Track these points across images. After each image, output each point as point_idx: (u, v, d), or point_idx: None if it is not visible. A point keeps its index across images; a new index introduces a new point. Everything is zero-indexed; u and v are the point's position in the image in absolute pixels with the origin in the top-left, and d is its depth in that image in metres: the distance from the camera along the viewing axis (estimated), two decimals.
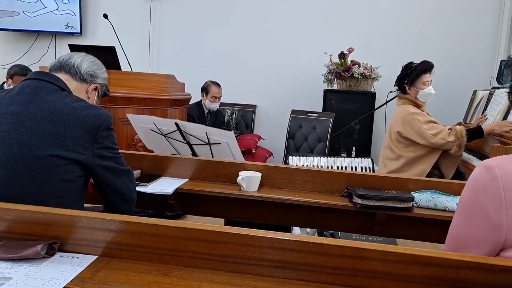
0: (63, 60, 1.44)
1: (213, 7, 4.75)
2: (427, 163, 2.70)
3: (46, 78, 1.35)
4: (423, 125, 2.64)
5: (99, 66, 1.52)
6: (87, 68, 1.46)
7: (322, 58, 4.25)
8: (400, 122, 2.72)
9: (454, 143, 2.59)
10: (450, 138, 2.59)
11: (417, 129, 2.64)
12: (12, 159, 1.23)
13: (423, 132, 2.63)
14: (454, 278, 0.86)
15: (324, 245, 0.90)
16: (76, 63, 1.44)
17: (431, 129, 2.63)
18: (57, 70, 1.43)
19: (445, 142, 2.60)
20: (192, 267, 0.97)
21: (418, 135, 2.65)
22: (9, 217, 1.04)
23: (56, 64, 1.44)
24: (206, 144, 2.04)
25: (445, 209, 1.63)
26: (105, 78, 1.54)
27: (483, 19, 4.30)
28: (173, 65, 4.67)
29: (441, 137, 2.60)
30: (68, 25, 4.88)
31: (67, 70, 1.43)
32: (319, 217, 1.76)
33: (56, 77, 1.38)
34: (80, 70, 1.44)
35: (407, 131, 2.69)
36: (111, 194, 1.42)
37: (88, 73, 1.46)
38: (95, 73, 1.49)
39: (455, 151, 2.61)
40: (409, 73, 2.74)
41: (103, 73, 1.53)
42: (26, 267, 0.94)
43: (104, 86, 1.54)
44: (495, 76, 3.93)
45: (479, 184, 0.91)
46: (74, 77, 1.43)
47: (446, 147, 2.63)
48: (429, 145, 2.65)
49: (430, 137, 2.61)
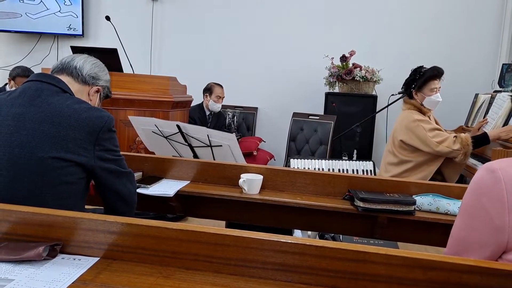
0: (65, 62, 1.44)
1: (215, 10, 4.76)
2: (429, 170, 2.64)
3: (48, 80, 1.35)
4: (428, 132, 2.57)
5: (101, 68, 1.51)
6: (89, 70, 1.45)
7: (323, 61, 4.25)
8: (404, 130, 2.65)
9: (459, 151, 2.53)
10: (456, 146, 2.53)
11: (422, 136, 2.57)
12: (13, 161, 1.23)
13: (428, 139, 2.56)
14: (457, 282, 0.85)
15: (326, 248, 0.90)
16: (78, 65, 1.44)
17: (436, 137, 2.56)
18: (59, 72, 1.42)
19: (451, 150, 2.54)
20: (193, 270, 0.96)
21: (423, 143, 2.58)
22: (11, 218, 1.04)
23: (58, 66, 1.44)
24: (208, 146, 2.04)
25: (447, 213, 1.63)
26: (107, 80, 1.54)
27: (484, 22, 4.30)
28: (174, 67, 4.68)
29: (446, 145, 2.54)
30: (70, 27, 4.89)
31: (69, 72, 1.42)
32: (321, 220, 1.76)
33: (58, 79, 1.37)
34: (82, 72, 1.44)
35: (410, 138, 2.62)
36: (111, 196, 1.42)
37: (90, 75, 1.45)
38: (97, 75, 1.48)
39: (461, 159, 2.55)
40: (417, 78, 2.66)
41: (105, 75, 1.52)
42: (27, 269, 0.94)
43: (106, 88, 1.54)
44: (496, 79, 3.92)
45: (482, 187, 0.91)
46: (76, 79, 1.43)
47: (451, 155, 2.57)
48: (433, 153, 2.59)
49: (435, 145, 2.55)
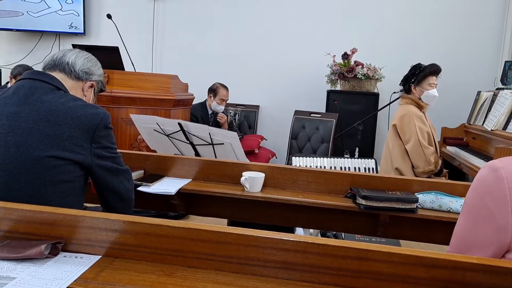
0: (57, 58, 1.41)
1: (217, 8, 4.75)
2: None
3: (41, 78, 1.33)
4: (419, 132, 2.66)
5: (93, 63, 1.48)
6: (82, 65, 1.43)
7: (325, 59, 4.24)
8: (397, 118, 2.76)
9: (431, 166, 2.66)
10: (432, 159, 2.66)
11: (411, 129, 2.67)
12: (9, 160, 1.21)
13: (416, 136, 2.65)
14: (460, 280, 0.85)
15: (328, 246, 0.90)
16: (70, 61, 1.41)
17: (424, 140, 2.68)
18: (51, 69, 1.39)
19: (427, 159, 2.65)
20: (195, 268, 0.96)
21: (409, 135, 2.68)
22: (13, 216, 1.04)
23: (50, 63, 1.40)
24: (209, 144, 2.04)
25: (450, 211, 1.62)
26: (100, 74, 1.51)
27: (487, 19, 4.28)
28: (176, 65, 4.68)
29: (430, 152, 2.66)
30: (72, 25, 4.89)
31: (61, 69, 1.39)
32: (323, 218, 1.75)
33: (52, 76, 1.35)
34: (74, 68, 1.41)
35: (401, 127, 2.71)
36: (108, 194, 1.41)
37: (83, 70, 1.43)
38: (90, 70, 1.46)
39: (422, 171, 2.66)
40: (417, 72, 2.78)
41: (98, 70, 1.50)
42: (29, 267, 0.94)
43: (100, 83, 1.52)
44: (499, 77, 3.91)
45: (485, 185, 0.91)
46: (69, 76, 1.40)
47: (419, 163, 2.67)
48: (409, 149, 2.67)
49: (424, 146, 2.65)
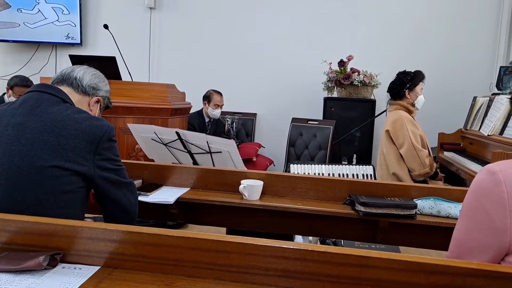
0: (65, 73, 1.45)
1: (213, 17, 4.78)
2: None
3: (49, 91, 1.35)
4: (412, 135, 2.72)
5: (101, 79, 1.52)
6: (89, 81, 1.47)
7: (321, 66, 4.26)
8: (390, 123, 2.82)
9: (426, 168, 2.71)
10: (427, 161, 2.71)
11: (404, 133, 2.73)
12: (13, 170, 1.23)
13: (409, 140, 2.71)
14: (460, 286, 0.85)
15: (328, 253, 0.90)
16: (78, 76, 1.45)
17: (417, 143, 2.73)
18: (59, 83, 1.43)
19: (424, 162, 2.70)
20: (195, 277, 0.96)
21: (402, 139, 2.74)
22: (11, 228, 1.03)
23: (59, 77, 1.45)
24: (207, 153, 2.04)
25: (448, 216, 1.63)
26: (107, 90, 1.54)
27: (481, 25, 4.32)
28: (173, 75, 4.68)
29: (424, 154, 2.71)
30: (69, 36, 4.90)
31: (69, 83, 1.43)
32: (322, 225, 1.75)
33: (58, 89, 1.38)
34: (82, 83, 1.45)
35: (395, 130, 2.77)
36: (111, 206, 1.41)
37: (90, 85, 1.46)
38: (97, 86, 1.49)
39: (418, 174, 2.71)
40: (410, 78, 2.88)
41: (105, 86, 1.53)
42: (28, 279, 0.93)
43: (106, 99, 1.55)
44: (494, 82, 3.93)
45: (483, 189, 0.91)
46: (76, 90, 1.44)
47: (414, 166, 2.72)
48: (403, 152, 2.72)
49: (418, 149, 2.70)
